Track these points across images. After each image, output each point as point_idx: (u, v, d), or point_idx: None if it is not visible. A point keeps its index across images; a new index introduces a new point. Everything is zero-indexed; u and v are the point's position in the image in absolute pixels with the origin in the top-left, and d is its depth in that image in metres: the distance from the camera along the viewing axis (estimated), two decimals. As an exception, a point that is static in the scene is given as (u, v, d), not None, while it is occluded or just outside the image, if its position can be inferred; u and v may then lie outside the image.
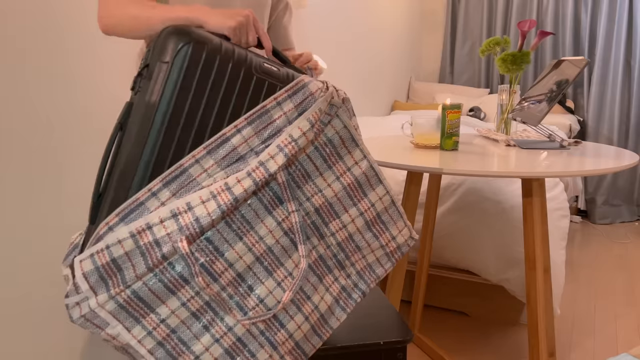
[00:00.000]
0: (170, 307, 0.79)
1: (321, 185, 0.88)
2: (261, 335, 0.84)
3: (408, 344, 1.03)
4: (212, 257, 0.79)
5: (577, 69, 1.58)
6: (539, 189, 1.43)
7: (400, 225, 0.98)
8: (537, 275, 1.43)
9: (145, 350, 0.78)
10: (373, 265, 0.96)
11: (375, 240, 0.94)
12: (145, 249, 0.76)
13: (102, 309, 0.76)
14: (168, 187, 0.78)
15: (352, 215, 0.91)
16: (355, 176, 0.91)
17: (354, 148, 0.92)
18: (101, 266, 0.75)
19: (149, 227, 0.76)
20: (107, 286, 0.76)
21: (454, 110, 1.52)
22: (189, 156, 0.80)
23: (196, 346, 0.80)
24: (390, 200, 0.96)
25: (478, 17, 4.37)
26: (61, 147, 1.37)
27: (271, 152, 0.81)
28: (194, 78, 0.81)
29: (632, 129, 3.78)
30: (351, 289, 0.94)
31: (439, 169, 1.26)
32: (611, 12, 3.77)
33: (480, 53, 1.89)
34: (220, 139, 0.81)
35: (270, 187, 0.83)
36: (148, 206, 0.78)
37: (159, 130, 0.79)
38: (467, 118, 3.40)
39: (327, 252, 0.90)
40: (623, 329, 2.16)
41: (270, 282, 0.84)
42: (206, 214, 0.77)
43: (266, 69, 0.87)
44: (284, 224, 0.85)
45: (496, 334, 2.10)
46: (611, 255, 3.09)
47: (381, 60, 3.74)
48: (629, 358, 0.81)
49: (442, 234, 2.11)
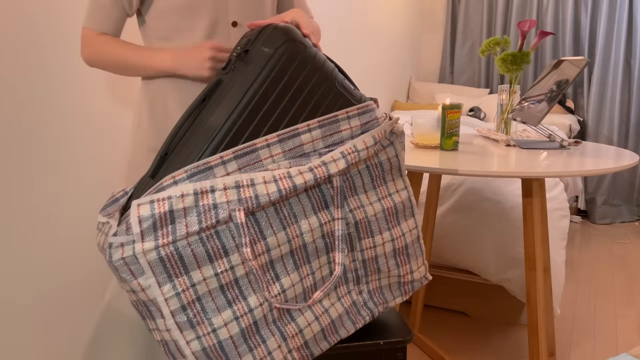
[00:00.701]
0: (203, 274, 0.81)
1: (364, 202, 0.95)
2: (273, 323, 0.87)
3: (408, 344, 1.03)
4: (256, 237, 0.84)
5: (577, 69, 1.58)
6: (539, 189, 1.43)
7: (420, 262, 1.04)
8: (537, 275, 1.43)
9: (168, 311, 0.80)
10: (384, 289, 1.01)
11: (396, 268, 1.00)
12: (203, 209, 0.80)
13: (143, 256, 0.78)
14: (237, 160, 0.84)
15: (385, 238, 0.98)
16: (395, 203, 0.98)
17: (398, 177, 1.00)
18: (157, 214, 0.78)
19: (212, 190, 0.81)
20: (156, 235, 0.78)
21: (454, 110, 1.52)
22: (262, 139, 0.86)
23: (216, 319, 0.82)
24: (417, 235, 1.03)
25: (478, 17, 4.37)
26: (61, 147, 1.37)
27: (334, 156, 0.89)
28: (287, 72, 0.90)
29: (632, 129, 3.78)
30: (361, 306, 0.98)
31: (439, 169, 1.26)
32: (611, 12, 3.77)
33: (480, 53, 1.89)
34: (292, 132, 0.89)
35: (321, 190, 0.90)
36: (215, 172, 0.83)
37: (243, 108, 0.87)
38: (467, 118, 3.40)
39: (350, 265, 0.95)
40: (623, 329, 2.16)
41: (295, 276, 0.88)
42: (265, 194, 0.82)
43: (346, 85, 0.96)
44: (325, 227, 0.91)
45: (496, 334, 2.10)
46: (611, 255, 3.09)
47: (381, 60, 3.74)
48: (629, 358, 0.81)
49: (442, 234, 2.11)
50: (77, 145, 1.41)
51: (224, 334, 0.83)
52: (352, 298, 0.97)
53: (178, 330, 0.81)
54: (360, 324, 0.98)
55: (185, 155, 0.86)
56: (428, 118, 1.61)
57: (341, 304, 0.95)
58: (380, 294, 1.01)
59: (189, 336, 0.81)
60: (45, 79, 1.31)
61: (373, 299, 1.00)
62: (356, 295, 0.97)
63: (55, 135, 1.35)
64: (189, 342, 0.81)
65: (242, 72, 0.90)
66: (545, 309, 1.48)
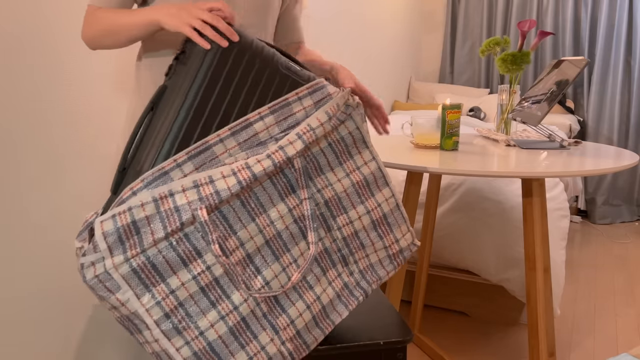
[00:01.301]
0: (181, 279, 0.81)
1: (331, 179, 0.93)
2: (264, 317, 0.86)
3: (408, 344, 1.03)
4: (226, 233, 0.84)
5: (577, 69, 1.58)
6: (539, 189, 1.43)
7: (404, 229, 1.02)
8: (537, 275, 1.43)
9: (151, 320, 0.80)
10: (375, 266, 1.00)
11: (379, 240, 0.98)
12: (166, 214, 0.80)
13: (116, 271, 0.78)
14: (192, 160, 0.84)
15: (360, 212, 0.96)
16: (364, 175, 0.97)
17: (364, 149, 0.98)
18: (121, 227, 0.78)
19: (171, 194, 0.80)
20: (124, 248, 0.78)
21: (454, 110, 1.52)
22: (214, 135, 0.86)
23: (202, 321, 0.82)
24: (396, 203, 1.01)
25: (478, 17, 4.37)
26: (61, 147, 1.37)
27: (290, 139, 0.88)
28: (226, 64, 0.88)
29: (632, 129, 3.77)
30: (353, 287, 0.96)
31: (439, 169, 1.26)
32: (611, 12, 3.77)
33: (480, 53, 1.89)
34: (244, 123, 0.88)
35: (285, 175, 0.89)
36: (172, 176, 0.82)
37: (188, 109, 0.86)
38: (467, 118, 3.40)
39: (332, 246, 0.94)
40: (623, 329, 2.16)
41: (276, 266, 0.88)
42: (226, 188, 0.82)
43: (291, 67, 0.94)
44: (295, 211, 0.89)
45: (496, 334, 2.10)
46: (611, 255, 3.09)
47: (381, 60, 3.74)
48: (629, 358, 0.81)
49: (442, 234, 2.11)
50: (77, 146, 1.41)
51: (212, 335, 0.82)
52: (344, 280, 0.96)
53: (166, 338, 0.80)
54: (353, 305, 0.96)
55: (140, 165, 0.86)
56: (428, 118, 1.61)
57: (332, 288, 0.94)
58: (373, 271, 1.00)
59: (177, 343, 0.81)
60: (45, 79, 1.31)
61: (365, 277, 0.98)
62: (347, 277, 0.96)
63: (55, 136, 1.35)
64: (178, 349, 0.81)
65: (182, 73, 0.89)
66: (545, 309, 1.48)
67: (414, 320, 2.00)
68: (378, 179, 0.99)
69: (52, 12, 1.32)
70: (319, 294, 0.92)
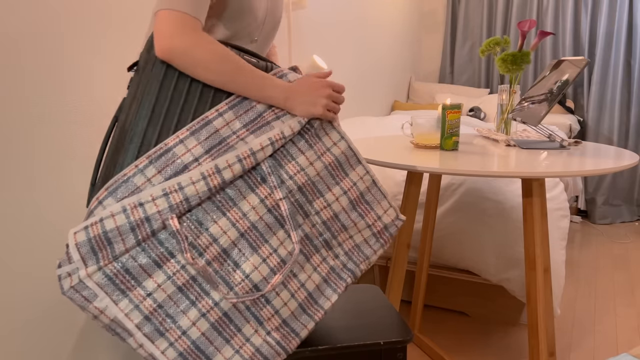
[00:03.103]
0: (156, 281, 0.82)
1: (303, 164, 0.92)
2: (247, 310, 0.86)
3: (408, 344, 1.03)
4: (197, 231, 0.84)
5: (577, 69, 1.58)
6: (539, 189, 1.43)
7: (385, 205, 1.01)
8: (537, 275, 1.43)
9: (132, 325, 0.81)
10: (361, 246, 0.99)
11: (361, 219, 0.97)
12: (136, 224, 0.81)
13: (90, 280, 0.80)
14: (154, 164, 0.84)
15: (336, 193, 0.95)
16: (335, 156, 0.96)
17: (332, 130, 0.98)
18: (93, 238, 0.80)
19: (140, 204, 0.81)
20: (97, 258, 0.80)
21: (454, 110, 1.52)
22: (174, 136, 0.86)
23: (183, 321, 0.83)
24: (372, 180, 1.00)
25: (478, 17, 4.37)
26: (62, 147, 1.37)
27: (263, 144, 0.88)
28: (176, 69, 0.89)
29: (632, 129, 3.77)
30: (340, 269, 0.95)
31: (439, 169, 1.26)
32: (611, 12, 3.77)
33: (480, 53, 1.89)
34: (203, 121, 0.87)
35: (254, 168, 0.89)
36: (135, 181, 0.83)
37: (146, 112, 0.87)
38: (467, 118, 3.40)
39: (312, 231, 0.93)
40: (623, 329, 2.16)
41: (255, 258, 0.87)
42: (195, 194, 0.83)
43: (246, 59, 0.94)
44: (267, 201, 0.88)
45: (496, 334, 2.10)
46: (611, 255, 3.09)
47: (381, 60, 3.74)
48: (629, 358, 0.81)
49: (442, 234, 2.11)
50: (79, 146, 1.41)
51: (195, 334, 0.83)
52: (329, 264, 0.95)
53: (149, 342, 0.81)
54: (342, 288, 0.95)
55: (105, 175, 0.87)
56: (428, 118, 1.61)
57: (318, 273, 0.93)
58: (359, 251, 0.98)
59: (161, 345, 0.82)
60: (45, 79, 1.31)
61: (352, 259, 0.97)
62: (333, 260, 0.95)
63: (56, 135, 1.35)
64: (163, 351, 0.82)
65: (135, 80, 0.90)
66: (545, 309, 1.48)
67: (414, 320, 2.00)
68: (350, 158, 0.98)
69: (52, 11, 1.32)
70: (304, 281, 0.91)
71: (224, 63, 0.88)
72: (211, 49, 0.88)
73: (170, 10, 0.87)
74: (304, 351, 0.96)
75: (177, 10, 0.87)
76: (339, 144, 0.97)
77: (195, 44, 0.87)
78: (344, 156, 0.97)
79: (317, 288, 0.92)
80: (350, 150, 0.98)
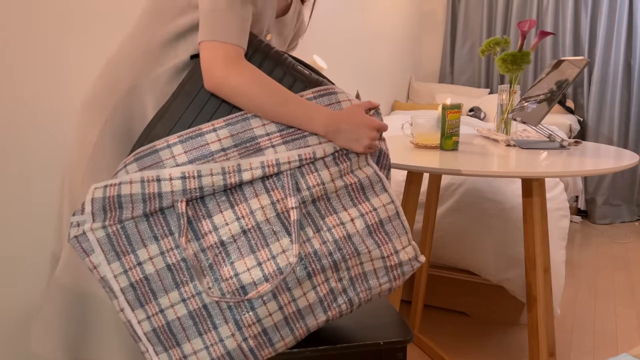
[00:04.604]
0: (149, 253, 0.84)
1: (325, 179, 0.91)
2: (228, 310, 0.85)
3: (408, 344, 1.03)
4: (201, 214, 0.85)
5: (577, 69, 1.58)
6: (539, 189, 1.43)
7: (404, 241, 0.95)
8: (537, 275, 1.44)
9: (118, 287, 0.84)
10: (368, 275, 0.93)
11: (376, 248, 0.92)
12: (148, 197, 0.83)
13: (92, 234, 0.84)
14: (182, 143, 0.86)
15: (352, 214, 0.91)
16: (359, 178, 0.94)
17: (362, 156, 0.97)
18: (108, 197, 0.84)
19: (157, 180, 0.84)
20: (105, 217, 0.84)
21: (454, 110, 1.52)
22: (209, 124, 0.88)
23: (163, 299, 0.84)
24: (396, 212, 0.95)
25: (478, 17, 4.37)
26: (61, 147, 1.37)
27: (290, 158, 0.88)
28: None
29: (632, 129, 3.78)
30: (338, 293, 0.90)
31: (439, 169, 1.26)
32: (611, 12, 3.77)
33: (480, 53, 1.89)
34: (241, 116, 0.89)
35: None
36: (161, 155, 0.86)
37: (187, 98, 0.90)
38: (467, 118, 3.40)
39: (322, 248, 0.88)
40: (623, 329, 2.16)
41: (250, 259, 0.85)
42: (210, 185, 0.84)
43: (298, 69, 0.94)
44: (279, 205, 0.87)
45: (496, 334, 2.10)
46: (611, 255, 3.09)
47: (381, 60, 3.74)
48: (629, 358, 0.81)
49: (442, 234, 2.11)
50: (77, 145, 1.41)
51: (171, 315, 0.84)
52: (330, 286, 0.89)
53: (129, 308, 0.84)
54: (333, 313, 0.90)
55: (139, 143, 0.91)
56: (428, 118, 1.61)
57: (316, 292, 0.88)
58: (364, 280, 0.92)
59: (140, 315, 0.84)
60: (44, 79, 1.31)
61: (354, 285, 0.91)
62: (335, 282, 0.90)
63: (56, 136, 1.35)
64: (140, 321, 0.84)
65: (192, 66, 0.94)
66: (545, 309, 1.48)
67: (414, 320, 2.00)
68: (375, 184, 0.94)
69: (53, 12, 1.32)
70: (297, 297, 0.87)
71: (269, 96, 0.89)
72: (256, 82, 0.88)
73: (212, 42, 0.88)
74: (304, 351, 0.96)
75: (219, 41, 0.88)
76: (365, 169, 0.95)
77: (238, 77, 0.87)
78: (368, 180, 0.94)
79: (309, 306, 0.88)
80: (377, 176, 0.95)
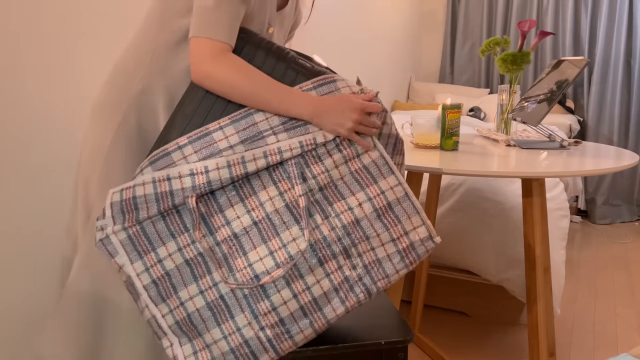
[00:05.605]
0: (168, 250, 0.89)
1: (329, 166, 0.93)
2: (244, 299, 0.88)
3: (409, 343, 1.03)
4: (213, 210, 0.89)
5: (577, 69, 1.58)
6: (539, 189, 1.43)
7: (416, 221, 0.93)
8: (537, 275, 1.44)
9: (141, 285, 0.89)
10: (383, 262, 0.92)
11: (385, 231, 0.91)
12: (161, 196, 0.88)
13: (115, 237, 0.89)
14: (192, 144, 0.91)
15: (360, 199, 0.91)
16: (364, 163, 0.94)
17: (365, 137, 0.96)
18: (124, 200, 0.89)
19: (168, 179, 0.89)
20: (124, 219, 0.89)
21: (454, 110, 1.52)
22: (215, 123, 0.92)
23: (182, 292, 0.89)
24: (404, 193, 0.93)
25: (478, 17, 4.37)
26: (63, 147, 1.37)
27: (292, 145, 0.91)
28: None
29: (632, 129, 3.78)
30: (354, 282, 0.90)
31: (439, 169, 1.26)
32: (611, 12, 3.77)
33: (480, 53, 1.90)
34: (245, 113, 0.93)
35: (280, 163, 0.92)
36: (173, 157, 0.91)
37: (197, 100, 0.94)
38: (467, 118, 3.40)
39: (331, 235, 0.89)
40: (623, 329, 2.16)
41: (262, 249, 0.89)
42: (218, 179, 0.88)
43: (300, 63, 0.97)
44: (286, 195, 0.90)
45: (496, 334, 2.10)
46: (611, 255, 3.09)
47: (381, 60, 3.74)
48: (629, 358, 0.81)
49: (442, 234, 2.11)
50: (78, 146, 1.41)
51: (190, 307, 0.88)
52: (344, 274, 0.90)
53: (153, 303, 0.88)
54: (351, 303, 0.90)
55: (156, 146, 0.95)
56: (428, 118, 1.61)
57: (330, 280, 0.89)
58: (379, 267, 0.91)
59: (163, 310, 0.88)
60: (44, 79, 1.31)
61: (370, 273, 0.91)
62: (349, 270, 0.90)
63: (57, 135, 1.35)
64: (164, 315, 0.88)
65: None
66: (545, 309, 1.48)
67: (414, 320, 2.00)
68: (381, 167, 0.93)
69: (53, 12, 1.32)
70: (310, 284, 0.88)
71: (252, 85, 0.91)
72: (239, 72, 0.92)
73: (200, 38, 0.92)
74: (305, 351, 0.97)
75: (206, 37, 0.92)
76: (370, 153, 0.94)
77: (223, 69, 0.91)
78: (374, 164, 0.94)
79: (325, 295, 0.89)
80: (383, 159, 0.94)
